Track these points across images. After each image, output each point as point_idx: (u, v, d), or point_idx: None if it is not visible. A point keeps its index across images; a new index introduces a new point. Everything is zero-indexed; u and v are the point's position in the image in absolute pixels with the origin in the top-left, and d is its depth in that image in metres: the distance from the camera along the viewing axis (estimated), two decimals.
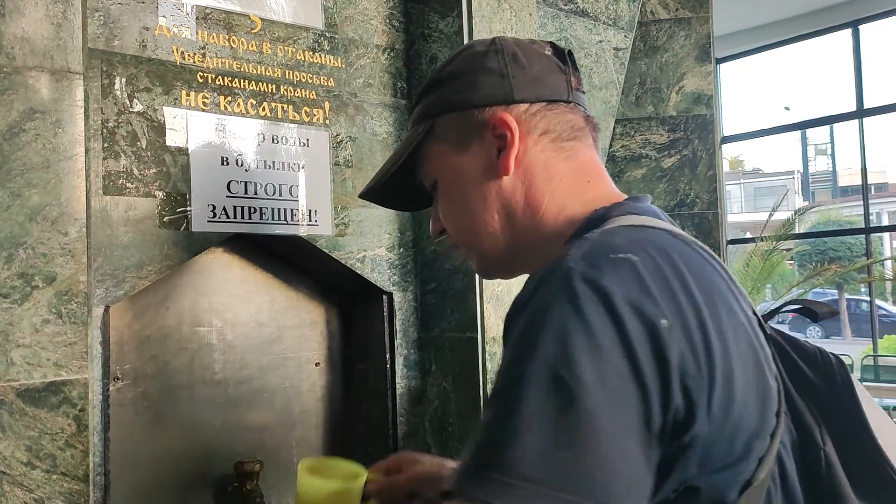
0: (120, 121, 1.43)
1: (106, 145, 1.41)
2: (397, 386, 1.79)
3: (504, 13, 1.80)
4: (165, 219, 1.47)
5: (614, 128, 2.76)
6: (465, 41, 1.74)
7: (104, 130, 1.41)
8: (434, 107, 0.88)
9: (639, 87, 2.91)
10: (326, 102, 1.70)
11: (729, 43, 7.12)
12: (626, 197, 0.81)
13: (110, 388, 1.42)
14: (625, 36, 2.52)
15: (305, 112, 1.67)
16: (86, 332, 1.22)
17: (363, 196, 0.98)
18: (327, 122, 1.70)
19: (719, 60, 6.71)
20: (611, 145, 2.79)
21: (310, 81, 1.68)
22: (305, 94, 1.67)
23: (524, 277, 0.74)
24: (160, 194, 1.46)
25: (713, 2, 2.90)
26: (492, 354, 1.70)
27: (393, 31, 1.83)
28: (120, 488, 1.50)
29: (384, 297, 1.79)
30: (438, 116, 0.87)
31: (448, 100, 0.86)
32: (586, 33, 2.38)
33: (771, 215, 9.04)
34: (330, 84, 1.71)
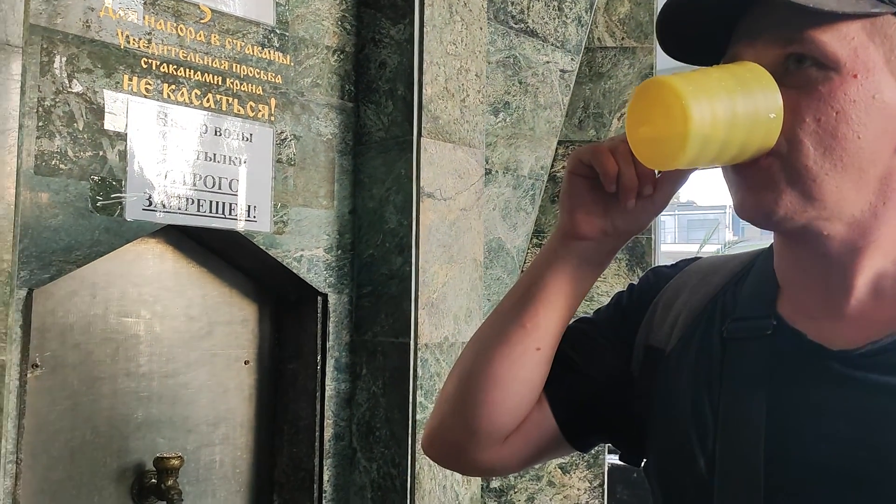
0: (57, 100, 1.39)
1: (41, 124, 1.37)
2: (327, 388, 1.77)
3: (455, 25, 1.83)
4: (99, 204, 1.43)
5: (557, 148, 2.81)
6: (416, 49, 1.76)
7: (40, 109, 1.37)
8: None
9: (582, 111, 2.98)
10: (273, 99, 1.70)
11: None
12: None
13: (28, 375, 1.37)
14: (571, 59, 2.58)
15: (251, 107, 1.66)
16: (6, 314, 1.19)
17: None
18: (272, 118, 1.69)
19: None
20: (552, 165, 2.85)
21: (257, 76, 1.67)
22: (251, 89, 1.66)
23: (460, 285, 0.71)
24: (95, 178, 1.43)
25: None
26: (423, 361, 1.71)
27: (344, 34, 1.84)
28: (32, 478, 1.45)
29: (319, 298, 1.78)
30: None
31: None
32: (535, 53, 2.42)
33: (701, 247, 9.32)
34: (277, 81, 1.70)
